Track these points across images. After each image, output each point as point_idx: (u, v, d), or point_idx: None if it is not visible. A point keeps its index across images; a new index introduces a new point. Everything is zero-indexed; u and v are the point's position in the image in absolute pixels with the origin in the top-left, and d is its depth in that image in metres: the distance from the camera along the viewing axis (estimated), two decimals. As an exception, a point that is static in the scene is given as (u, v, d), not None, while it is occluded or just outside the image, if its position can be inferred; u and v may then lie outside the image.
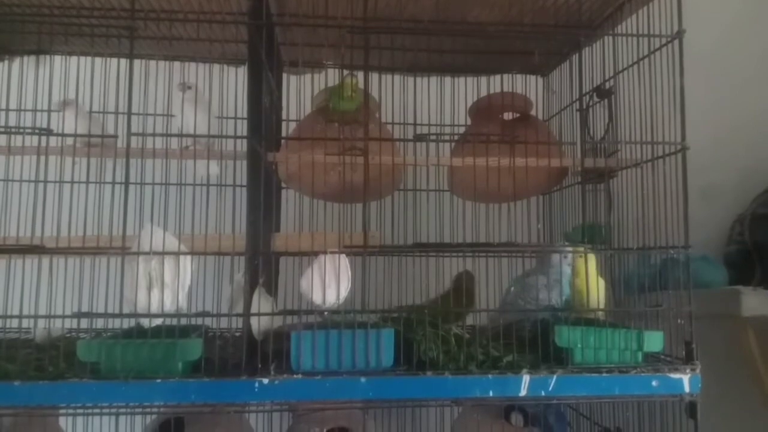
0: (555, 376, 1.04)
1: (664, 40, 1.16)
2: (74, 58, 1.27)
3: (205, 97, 1.18)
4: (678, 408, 1.10)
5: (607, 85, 1.32)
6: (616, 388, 1.05)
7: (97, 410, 1.09)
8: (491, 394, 1.03)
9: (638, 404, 1.20)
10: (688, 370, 1.07)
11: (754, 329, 1.41)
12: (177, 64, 1.20)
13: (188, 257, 1.05)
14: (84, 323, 1.23)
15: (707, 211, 1.81)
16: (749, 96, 2.01)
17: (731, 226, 1.91)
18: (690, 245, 1.11)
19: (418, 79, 1.45)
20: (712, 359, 1.12)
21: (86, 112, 1.21)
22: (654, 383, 1.06)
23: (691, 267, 1.12)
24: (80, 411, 1.10)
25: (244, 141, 1.09)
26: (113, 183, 1.06)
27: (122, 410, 1.11)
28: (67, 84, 1.19)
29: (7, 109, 1.23)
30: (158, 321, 1.03)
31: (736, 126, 1.99)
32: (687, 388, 1.06)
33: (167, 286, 1.02)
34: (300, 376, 1.01)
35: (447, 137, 1.26)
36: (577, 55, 1.40)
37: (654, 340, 1.09)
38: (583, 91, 1.38)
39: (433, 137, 1.21)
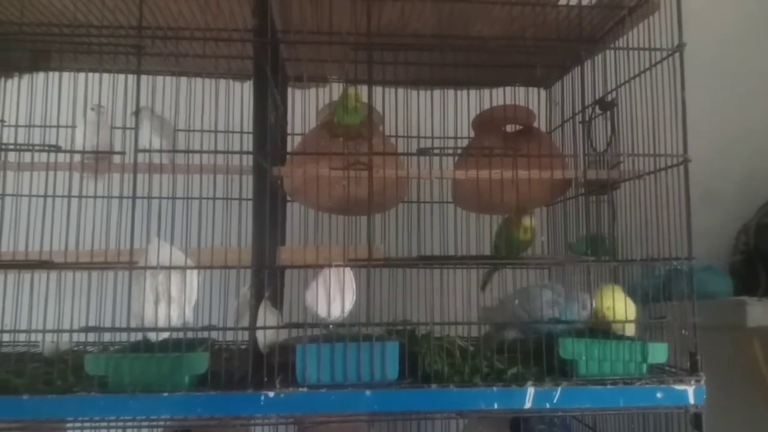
0: (560, 389, 1.04)
1: (665, 54, 1.17)
2: (82, 75, 1.29)
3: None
4: (683, 420, 1.10)
5: (609, 98, 1.33)
6: (621, 400, 1.05)
7: (104, 424, 1.10)
8: (496, 406, 1.03)
9: (643, 416, 1.20)
10: (692, 382, 1.07)
11: (760, 340, 1.41)
12: (184, 79, 1.21)
13: (195, 271, 1.06)
14: (91, 337, 1.24)
15: (712, 221, 1.81)
16: (752, 106, 2.02)
17: (736, 236, 1.91)
18: (693, 256, 1.12)
19: (421, 93, 1.46)
20: (717, 370, 1.12)
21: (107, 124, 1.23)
22: (659, 395, 1.06)
23: (695, 277, 1.12)
24: (88, 424, 1.11)
25: (250, 155, 1.10)
26: (120, 198, 1.08)
27: (129, 424, 1.12)
28: (75, 100, 1.21)
29: (17, 125, 1.25)
30: (165, 335, 1.04)
31: (739, 136, 2.00)
32: (692, 400, 1.06)
33: (174, 300, 1.03)
34: (305, 389, 1.01)
35: (450, 150, 1.27)
36: (578, 68, 1.41)
37: (658, 352, 1.09)
38: (586, 104, 1.39)
39: (436, 151, 1.22)
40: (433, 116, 1.33)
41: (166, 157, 1.19)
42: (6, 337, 1.24)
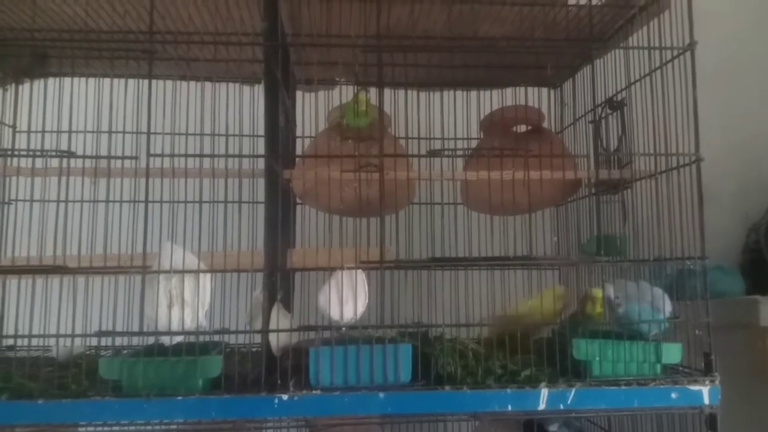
0: (574, 390, 1.03)
1: (676, 52, 1.16)
2: (93, 80, 1.30)
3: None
4: (698, 420, 1.10)
5: (619, 97, 1.33)
6: (636, 400, 1.05)
7: (117, 428, 1.10)
8: (510, 408, 1.02)
9: (657, 417, 1.19)
10: (707, 382, 1.06)
11: (773, 339, 1.40)
12: (194, 84, 1.22)
13: (207, 274, 1.06)
14: (105, 341, 1.25)
15: (721, 220, 1.81)
16: (760, 106, 2.01)
17: (746, 235, 1.90)
18: (707, 255, 1.11)
19: (430, 94, 1.46)
20: (730, 369, 1.12)
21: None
22: (673, 395, 1.05)
23: (707, 277, 1.11)
24: (101, 429, 1.11)
25: (261, 158, 1.11)
26: (134, 201, 1.08)
27: (143, 428, 1.12)
28: (86, 106, 1.21)
29: (29, 131, 1.26)
30: (179, 338, 1.04)
31: (747, 135, 1.99)
32: (707, 400, 1.05)
33: (187, 303, 1.03)
34: (319, 392, 1.01)
35: (461, 152, 1.27)
36: (588, 67, 1.40)
37: (672, 352, 1.09)
38: (596, 103, 1.39)
39: (447, 152, 1.22)
40: (443, 118, 1.33)
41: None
42: (20, 342, 1.25)
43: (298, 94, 1.55)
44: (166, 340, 1.03)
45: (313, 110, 1.38)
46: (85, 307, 1.13)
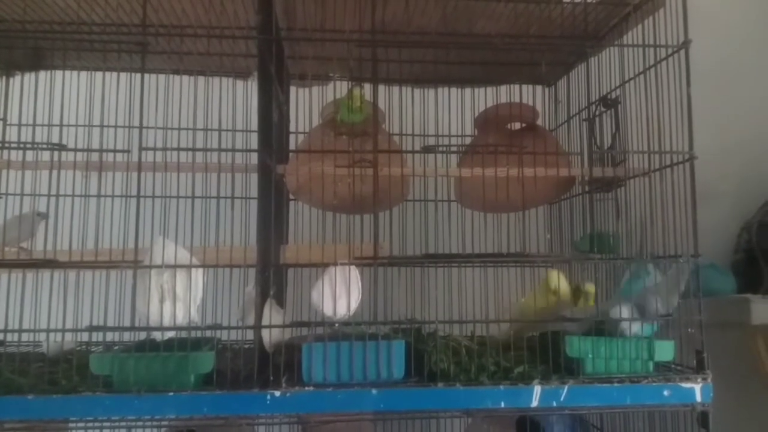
0: (566, 387, 1.03)
1: (670, 50, 1.16)
2: (85, 73, 1.29)
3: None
4: (690, 418, 1.10)
5: (613, 95, 1.33)
6: (628, 398, 1.05)
7: (108, 424, 1.10)
8: (503, 405, 1.02)
9: (649, 414, 1.20)
10: (699, 380, 1.06)
11: (764, 337, 1.41)
12: (186, 78, 1.21)
13: (199, 270, 1.06)
14: (96, 336, 1.24)
15: (713, 219, 1.81)
16: (753, 105, 2.02)
17: (738, 234, 1.91)
18: (700, 254, 1.11)
19: (425, 91, 1.46)
20: (722, 367, 1.12)
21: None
22: (665, 393, 1.05)
23: (699, 275, 1.12)
24: (92, 425, 1.10)
25: (254, 153, 1.10)
26: (125, 196, 1.07)
27: (133, 423, 1.11)
28: (78, 99, 1.20)
29: (19, 124, 1.24)
30: (170, 334, 1.03)
31: (740, 134, 2.00)
32: (699, 398, 1.06)
33: (179, 298, 1.02)
34: (311, 388, 1.01)
35: (455, 148, 1.27)
36: (582, 65, 1.40)
37: (665, 350, 1.09)
38: (590, 101, 1.39)
39: (441, 148, 1.21)
40: (437, 114, 1.32)
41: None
42: (10, 337, 1.24)
43: (292, 89, 1.54)
44: (157, 335, 1.03)
45: (306, 105, 1.37)
46: (75, 302, 1.12)
